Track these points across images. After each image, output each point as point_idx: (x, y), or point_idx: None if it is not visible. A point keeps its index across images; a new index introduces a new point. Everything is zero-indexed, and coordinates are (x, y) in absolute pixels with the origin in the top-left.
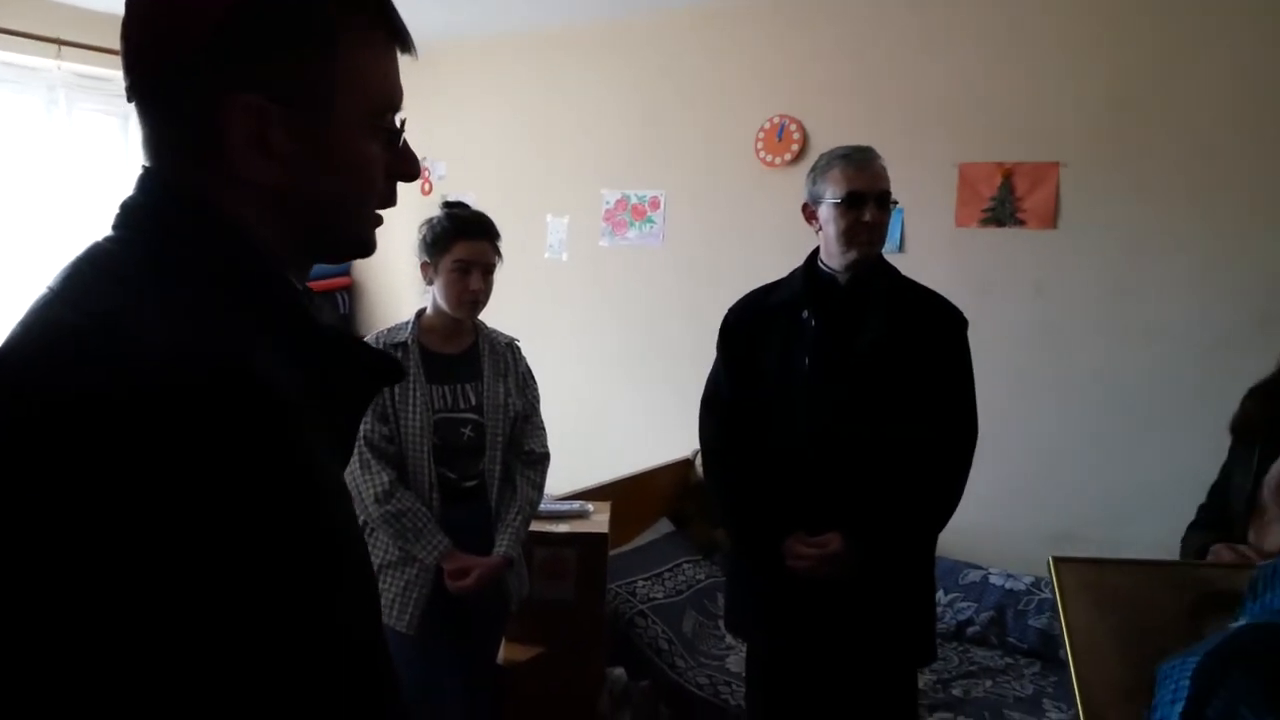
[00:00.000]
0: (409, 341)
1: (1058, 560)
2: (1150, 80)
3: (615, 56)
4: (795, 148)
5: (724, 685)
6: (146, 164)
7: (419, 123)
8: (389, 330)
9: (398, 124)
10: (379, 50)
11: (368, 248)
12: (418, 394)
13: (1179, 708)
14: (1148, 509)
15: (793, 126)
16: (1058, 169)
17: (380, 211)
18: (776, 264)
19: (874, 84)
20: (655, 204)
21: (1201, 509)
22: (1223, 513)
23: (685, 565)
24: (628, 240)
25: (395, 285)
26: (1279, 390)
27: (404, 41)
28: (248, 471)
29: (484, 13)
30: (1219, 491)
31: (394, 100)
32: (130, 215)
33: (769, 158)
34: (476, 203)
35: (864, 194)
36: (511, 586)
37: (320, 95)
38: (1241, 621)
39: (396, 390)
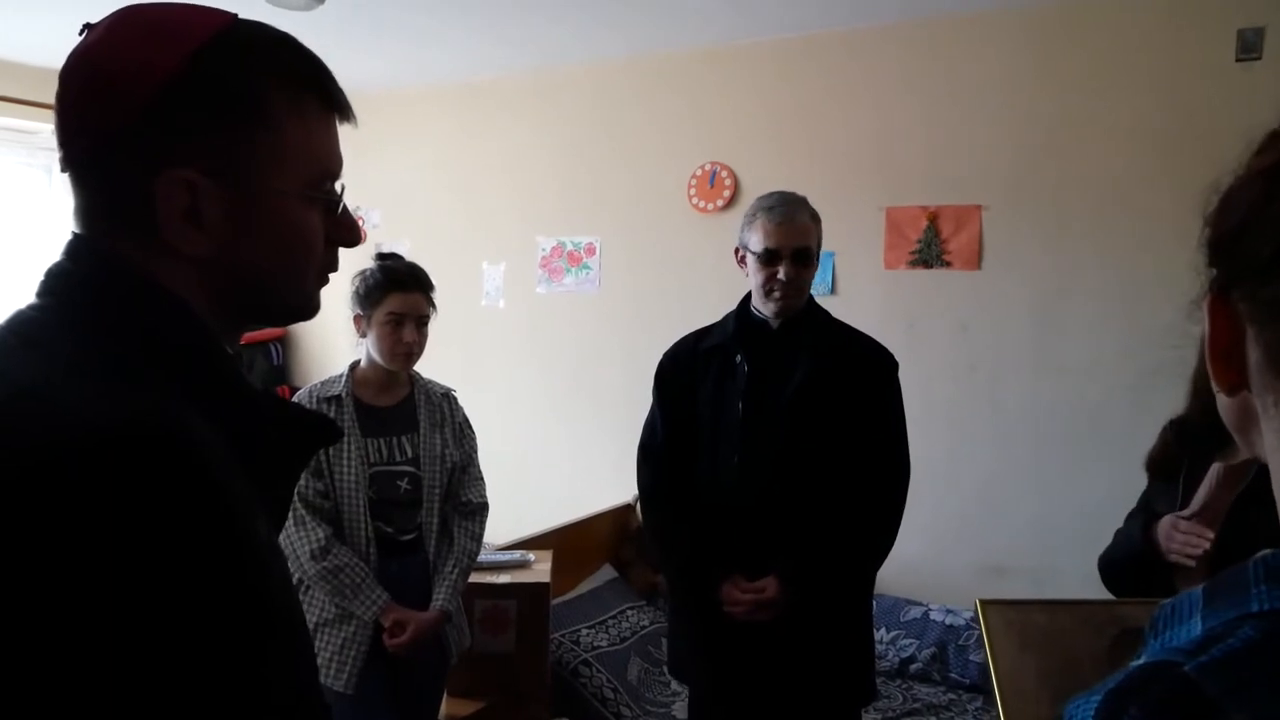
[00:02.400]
0: (343, 395)
1: (984, 603)
2: (1066, 127)
3: (548, 105)
4: (727, 194)
5: None
6: (77, 231)
7: (353, 170)
8: (322, 384)
9: (337, 191)
10: (315, 120)
11: (307, 313)
12: (353, 448)
13: None
14: (1079, 539)
15: (724, 173)
16: (980, 211)
17: (329, 275)
18: (711, 309)
19: (803, 130)
20: (591, 250)
21: (1118, 533)
22: (1144, 541)
23: (629, 611)
24: (564, 286)
25: (329, 336)
26: (1199, 421)
27: (342, 111)
28: (177, 539)
29: (418, 62)
30: (1137, 517)
31: (331, 169)
32: (57, 282)
33: (701, 204)
34: (411, 251)
35: (778, 251)
36: (451, 640)
37: (253, 168)
38: (1142, 659)
39: (332, 445)
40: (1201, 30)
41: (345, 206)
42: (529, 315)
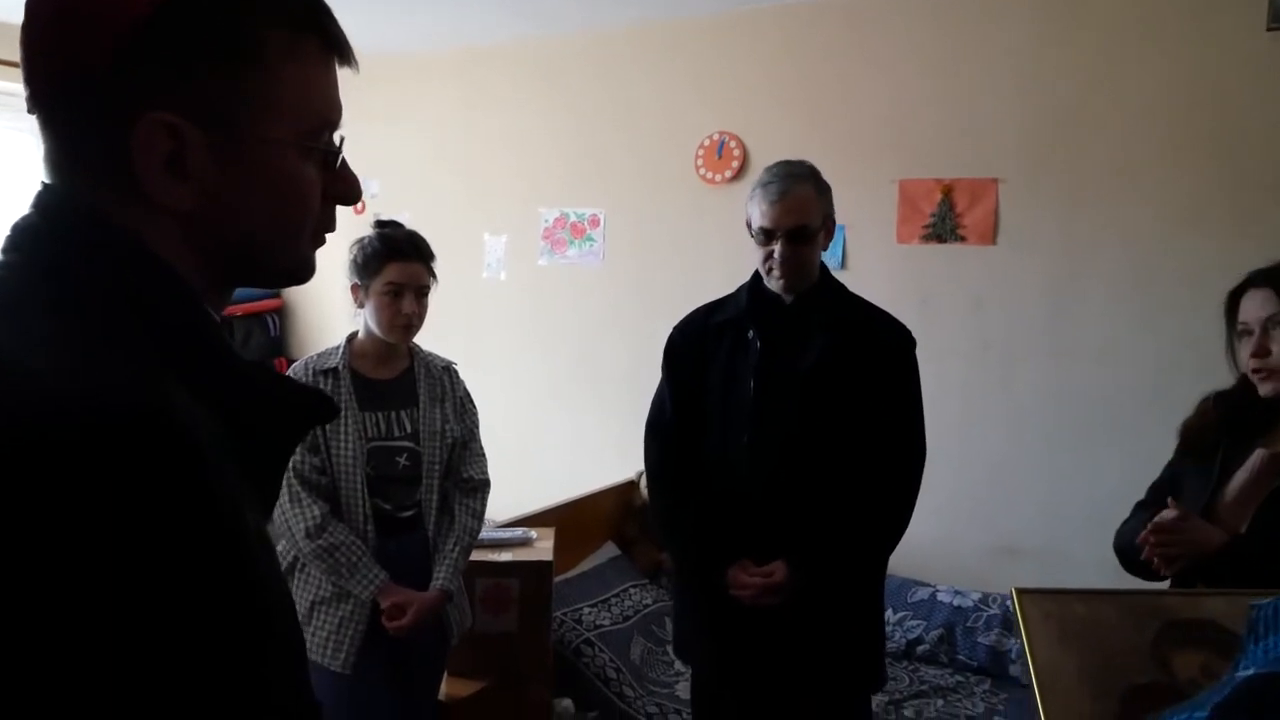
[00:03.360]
0: (340, 367)
1: (1020, 592)
2: (1084, 98)
3: (553, 73)
4: (735, 164)
5: (674, 713)
6: (46, 181)
7: (351, 138)
8: (319, 356)
9: (336, 143)
10: (314, 64)
11: (302, 275)
12: (350, 422)
13: None
14: (1090, 524)
15: (733, 143)
16: (996, 185)
17: (325, 235)
18: (718, 282)
19: (814, 101)
20: (595, 222)
21: (1139, 505)
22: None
23: (632, 590)
24: (567, 259)
25: (327, 308)
26: (1244, 400)
27: (343, 53)
28: (168, 534)
29: (419, 27)
30: (1160, 491)
31: (330, 118)
32: (23, 237)
33: (709, 175)
34: (411, 222)
35: (773, 231)
36: (452, 620)
37: (244, 114)
38: (1249, 670)
39: None
40: None
41: (345, 160)
42: (531, 288)
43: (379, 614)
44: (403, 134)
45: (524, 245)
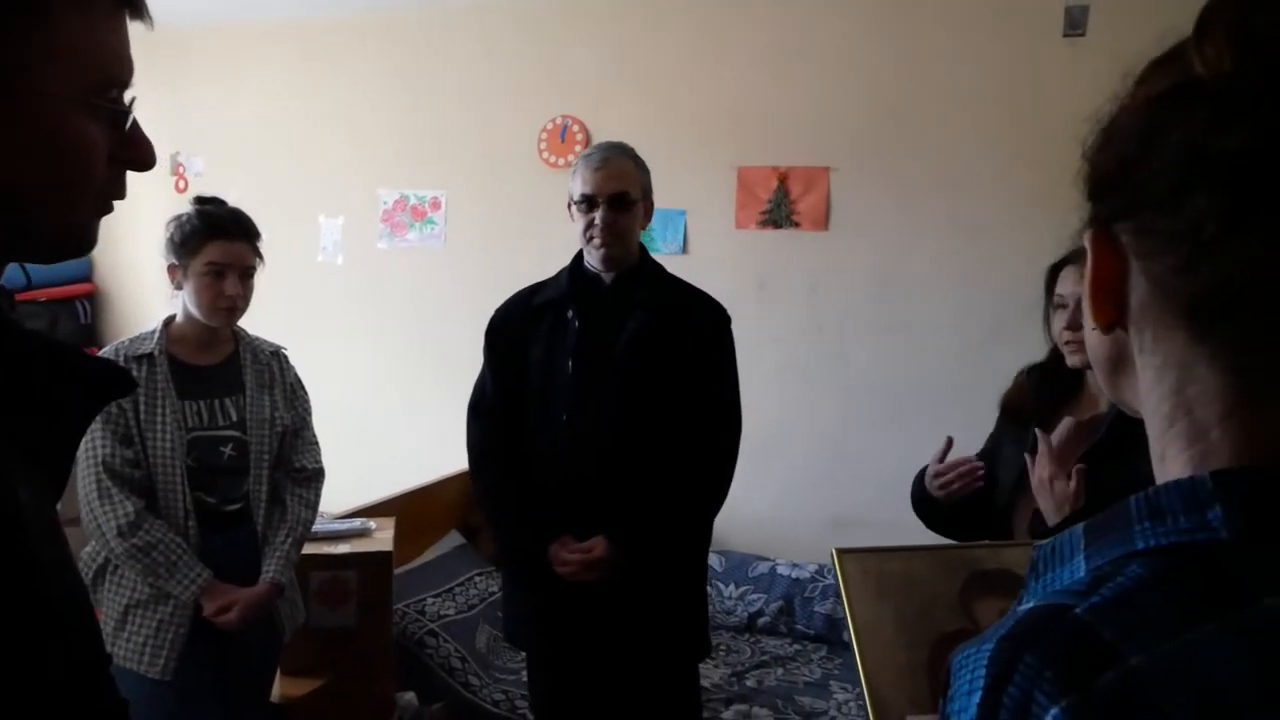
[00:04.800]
0: (155, 352)
1: (841, 552)
2: (911, 92)
3: (392, 50)
4: (579, 149)
5: (520, 700)
6: None
7: (174, 111)
8: (131, 341)
9: (126, 102)
10: (101, 15)
11: (82, 245)
12: (167, 411)
13: (976, 698)
14: None
15: (576, 128)
16: (828, 173)
17: (114, 202)
18: (561, 265)
19: (657, 87)
20: (436, 205)
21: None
22: (987, 479)
23: (477, 578)
24: (408, 242)
25: (145, 292)
26: (1055, 372)
27: (135, 7)
28: None
29: None
30: (982, 459)
31: (119, 74)
32: None
33: (553, 158)
34: (239, 202)
35: (594, 197)
36: (283, 615)
37: (17, 63)
38: (1028, 603)
39: (142, 407)
40: (1033, 4)
41: (136, 121)
42: (370, 272)
43: (202, 615)
44: (232, 109)
45: (362, 228)
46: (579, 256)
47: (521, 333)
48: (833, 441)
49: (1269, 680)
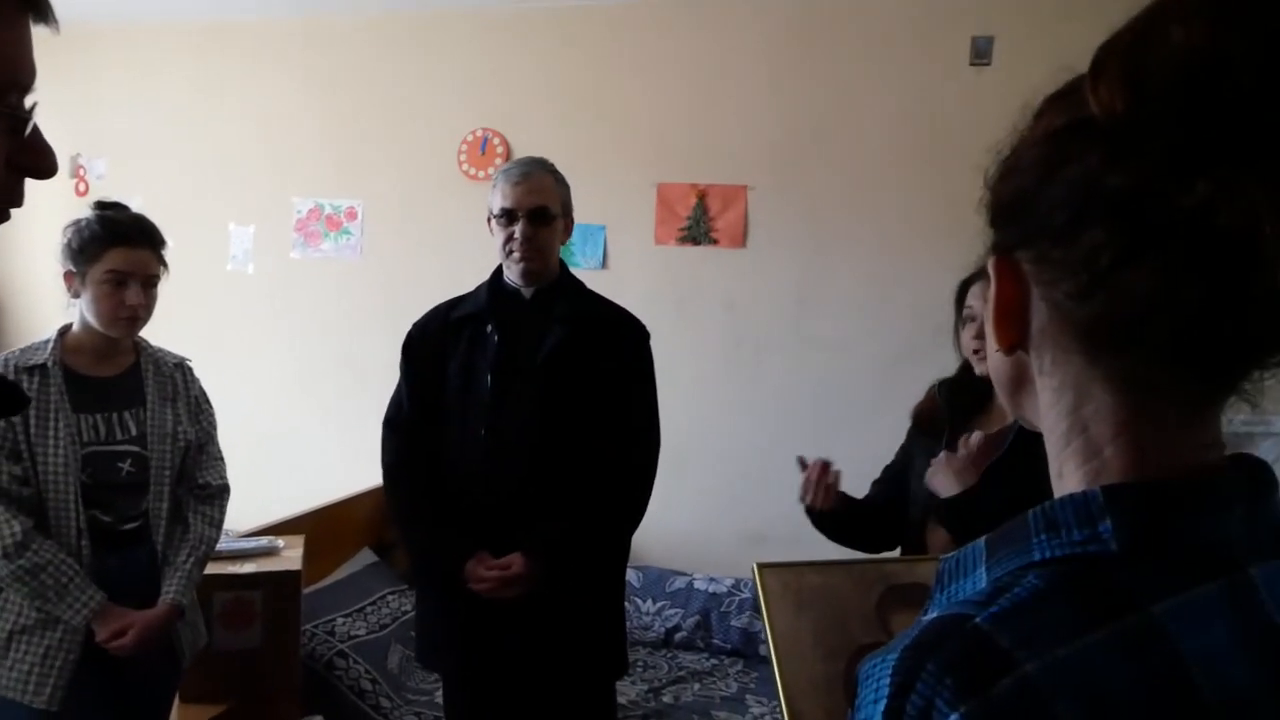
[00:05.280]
0: (49, 363)
1: (761, 566)
2: (827, 114)
3: (311, 55)
4: (499, 162)
5: None
6: None
7: (76, 110)
8: (22, 351)
9: (26, 107)
10: (4, 19)
11: None
12: (60, 425)
13: (881, 706)
14: None
15: (496, 140)
16: (746, 191)
17: (10, 210)
18: (480, 279)
19: (578, 103)
20: (352, 214)
21: (875, 484)
22: (899, 491)
23: (390, 597)
24: (322, 252)
25: (42, 302)
26: (965, 385)
27: (39, 9)
28: None
29: None
30: (893, 470)
31: (19, 78)
32: None
33: (472, 171)
34: (143, 207)
35: (514, 211)
36: (184, 639)
37: None
38: (932, 614)
39: (33, 421)
40: (942, 34)
41: (36, 127)
42: (282, 282)
43: (94, 640)
44: (138, 108)
45: (275, 237)
46: (498, 271)
47: (440, 347)
48: (750, 456)
49: (1154, 685)
